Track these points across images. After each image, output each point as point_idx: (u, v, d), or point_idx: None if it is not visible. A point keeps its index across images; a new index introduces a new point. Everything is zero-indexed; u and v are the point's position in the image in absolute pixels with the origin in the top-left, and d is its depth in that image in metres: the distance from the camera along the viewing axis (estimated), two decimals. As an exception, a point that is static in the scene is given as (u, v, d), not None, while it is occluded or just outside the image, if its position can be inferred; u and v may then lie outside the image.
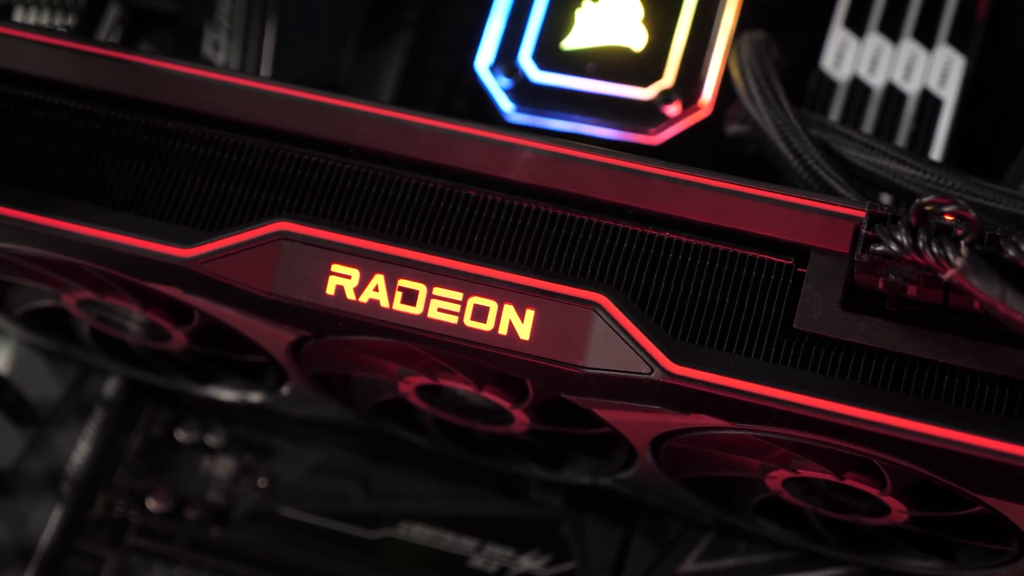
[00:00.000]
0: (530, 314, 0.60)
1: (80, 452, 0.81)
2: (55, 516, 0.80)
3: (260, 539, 0.78)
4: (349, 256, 0.61)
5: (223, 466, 0.80)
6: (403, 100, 0.84)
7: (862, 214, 0.58)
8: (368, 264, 0.61)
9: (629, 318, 0.59)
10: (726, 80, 0.75)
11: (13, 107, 0.66)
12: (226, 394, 0.78)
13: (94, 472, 0.81)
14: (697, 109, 0.75)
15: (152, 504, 0.79)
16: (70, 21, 0.80)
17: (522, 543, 0.76)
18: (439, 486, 0.78)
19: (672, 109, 0.74)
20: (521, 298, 0.60)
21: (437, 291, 0.61)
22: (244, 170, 0.64)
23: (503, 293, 0.60)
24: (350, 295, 0.61)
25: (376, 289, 0.61)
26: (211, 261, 0.62)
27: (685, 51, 0.75)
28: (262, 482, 0.79)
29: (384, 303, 0.61)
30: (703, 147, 0.76)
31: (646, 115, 0.75)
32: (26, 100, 0.66)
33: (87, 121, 0.65)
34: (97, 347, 0.77)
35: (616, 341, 0.59)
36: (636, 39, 0.76)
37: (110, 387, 0.82)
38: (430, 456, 0.77)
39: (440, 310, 0.61)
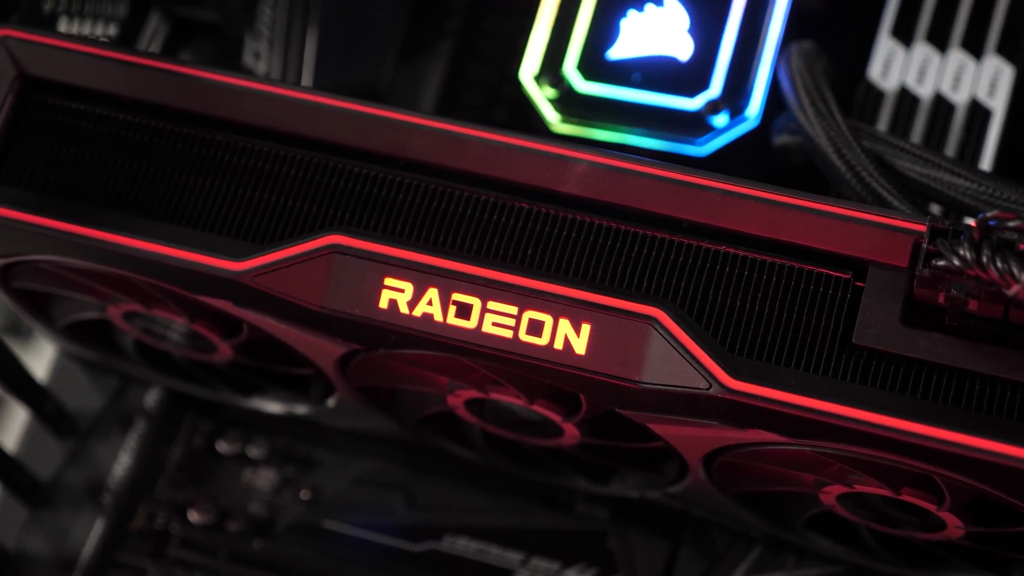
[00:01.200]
0: (586, 328, 0.60)
1: (121, 464, 0.81)
2: (97, 528, 0.80)
3: (303, 552, 0.77)
4: (402, 269, 0.61)
5: (265, 478, 0.80)
6: (444, 110, 0.83)
7: (922, 228, 0.58)
8: (422, 278, 0.61)
9: (687, 333, 0.58)
10: (773, 90, 0.74)
11: (62, 119, 0.66)
12: (271, 406, 0.77)
13: (135, 484, 0.80)
14: (744, 120, 0.74)
15: (194, 516, 0.79)
16: (112, 31, 0.80)
17: (568, 556, 0.75)
18: (484, 498, 0.77)
19: (719, 120, 0.74)
20: (577, 312, 0.60)
21: (492, 305, 0.60)
22: (294, 183, 0.64)
23: (559, 307, 0.60)
24: (403, 309, 0.61)
25: (430, 303, 0.61)
26: (262, 275, 0.62)
27: (732, 61, 0.75)
28: (305, 494, 0.79)
29: (438, 317, 0.61)
30: (750, 158, 0.75)
31: (693, 126, 0.74)
32: (75, 112, 0.66)
33: (136, 133, 0.65)
34: (141, 359, 0.76)
35: (674, 356, 0.58)
36: (682, 49, 0.75)
37: (151, 398, 0.82)
38: (475, 468, 0.77)
39: (495, 324, 0.60)
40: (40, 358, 0.84)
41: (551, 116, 0.76)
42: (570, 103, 0.76)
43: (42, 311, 0.74)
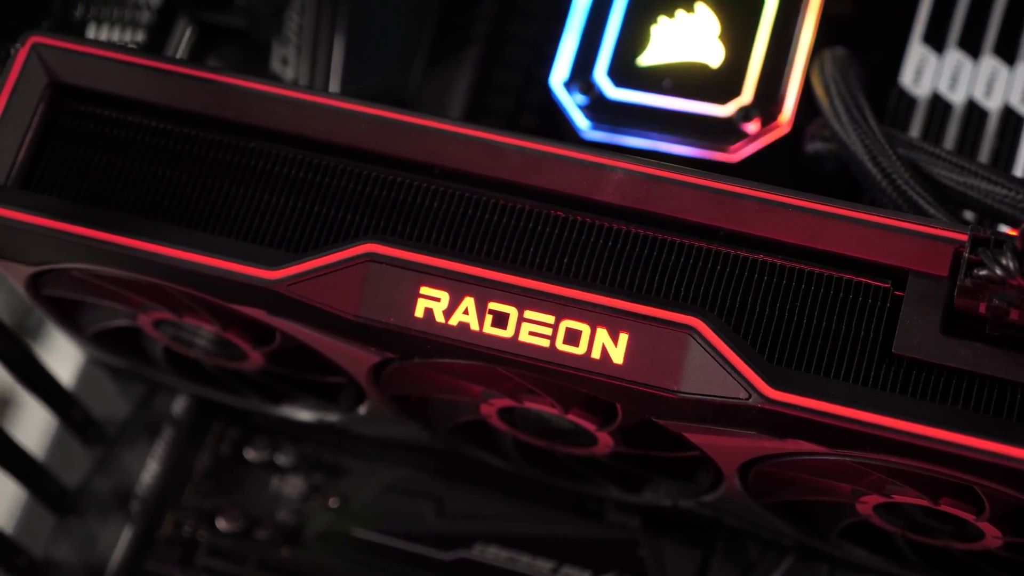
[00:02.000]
0: (624, 338, 0.59)
1: (149, 471, 0.81)
2: (124, 536, 0.79)
3: (332, 560, 0.77)
4: (438, 278, 0.61)
5: (293, 485, 0.80)
6: (472, 116, 0.83)
7: (963, 237, 0.57)
8: (458, 287, 0.61)
9: (726, 342, 0.58)
10: (805, 97, 0.74)
11: (94, 126, 0.65)
12: (302, 414, 0.77)
13: (163, 491, 0.80)
14: (777, 126, 0.74)
15: (222, 524, 0.79)
16: (139, 37, 0.80)
17: (599, 565, 0.75)
18: (514, 507, 0.77)
19: (751, 126, 0.74)
20: (615, 322, 0.59)
21: (528, 314, 0.60)
22: (329, 190, 0.63)
23: (596, 316, 0.59)
24: (439, 318, 0.61)
25: (466, 312, 0.60)
26: (297, 283, 0.62)
27: (763, 67, 0.75)
28: (333, 502, 0.78)
29: (474, 326, 0.60)
30: (781, 164, 0.75)
31: (725, 132, 0.74)
32: (107, 119, 0.65)
33: (169, 140, 0.65)
34: (169, 366, 0.76)
35: (712, 366, 0.58)
36: (713, 55, 0.75)
37: (179, 405, 0.82)
38: (504, 476, 0.77)
39: (531, 333, 0.60)
40: (65, 364, 0.84)
41: (581, 123, 0.75)
42: (601, 110, 0.76)
43: (71, 318, 0.74)
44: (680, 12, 0.76)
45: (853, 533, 0.69)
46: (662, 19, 0.76)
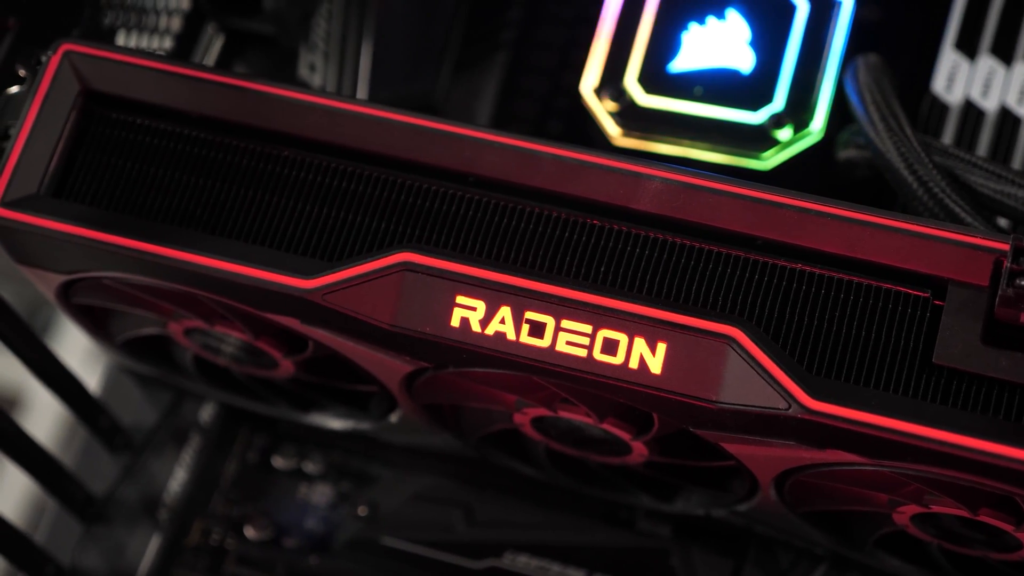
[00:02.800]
0: (662, 348, 0.59)
1: (177, 479, 0.80)
2: (152, 544, 0.79)
3: (361, 568, 0.77)
4: (474, 287, 0.60)
5: (321, 493, 0.79)
6: (499, 122, 0.83)
7: (1005, 247, 0.57)
8: (494, 296, 0.60)
9: (765, 352, 0.58)
10: (836, 104, 0.74)
11: (127, 134, 0.65)
12: (331, 422, 0.77)
13: (190, 499, 0.80)
14: (809, 134, 0.73)
15: (250, 532, 0.79)
16: (167, 44, 0.79)
17: (630, 574, 0.75)
18: (544, 515, 0.77)
19: (783, 134, 0.73)
20: (652, 331, 0.59)
21: (565, 324, 0.60)
22: (363, 199, 0.63)
23: (634, 326, 0.59)
24: (475, 327, 0.60)
25: (502, 321, 0.60)
26: (333, 292, 0.61)
27: (795, 74, 0.74)
28: (362, 510, 0.78)
29: (511, 335, 0.60)
30: (812, 171, 0.75)
31: (756, 140, 0.74)
32: (140, 127, 0.65)
33: (202, 149, 0.65)
34: (199, 374, 0.76)
35: (752, 376, 0.58)
36: (744, 62, 0.75)
37: (206, 413, 0.81)
38: (534, 484, 0.76)
39: (569, 343, 0.60)
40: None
41: (612, 129, 0.75)
42: (631, 116, 0.75)
43: (100, 326, 0.74)
44: (711, 19, 0.76)
45: (888, 543, 0.68)
46: (693, 26, 0.76)
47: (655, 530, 0.76)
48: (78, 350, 1.08)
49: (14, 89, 0.68)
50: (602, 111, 0.75)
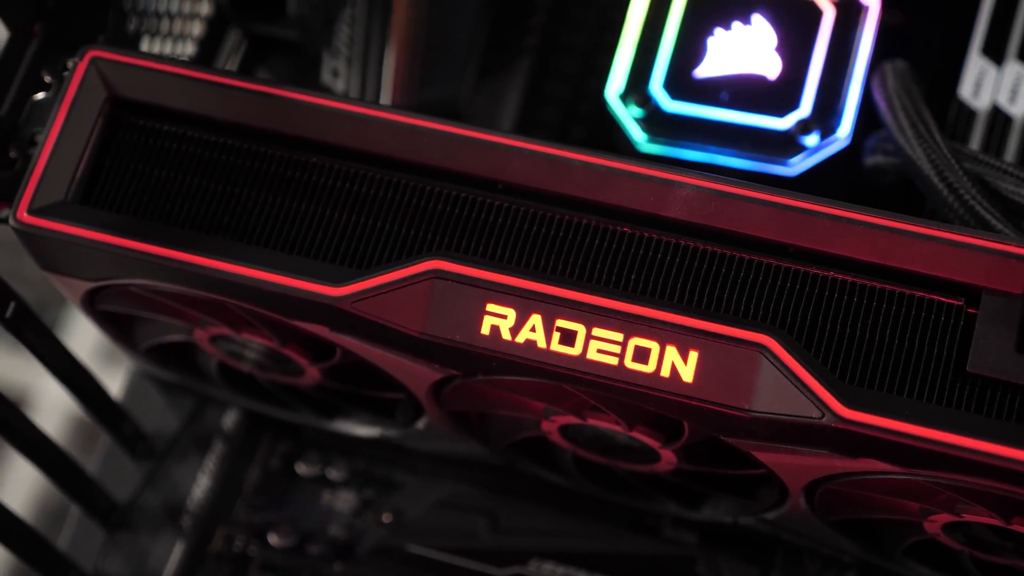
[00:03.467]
0: (694, 356, 0.59)
1: (200, 486, 0.80)
2: (176, 551, 0.79)
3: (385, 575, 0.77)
4: (505, 295, 0.60)
5: (344, 500, 0.79)
6: (523, 128, 0.83)
7: (1039, 255, 0.57)
8: (525, 304, 0.60)
9: (798, 360, 0.58)
10: (864, 109, 0.73)
11: (154, 141, 0.65)
12: (356, 429, 0.76)
13: (213, 506, 0.79)
14: (835, 140, 0.73)
15: (274, 539, 0.78)
16: (190, 49, 0.79)
17: (657, 582, 0.75)
18: (569, 522, 0.76)
19: (810, 140, 0.73)
20: (684, 339, 0.59)
21: (597, 332, 0.59)
22: (392, 206, 0.63)
23: (666, 334, 0.59)
24: (506, 335, 0.60)
25: (533, 329, 0.60)
26: (362, 300, 0.61)
27: (821, 79, 0.74)
28: (387, 517, 0.78)
29: (541, 344, 0.60)
30: (839, 177, 0.74)
31: (783, 145, 0.74)
32: (167, 134, 0.65)
33: (229, 155, 0.64)
34: (223, 381, 0.76)
35: (784, 384, 0.58)
36: (770, 67, 0.75)
37: (229, 419, 0.81)
38: (559, 491, 0.76)
39: (600, 351, 0.59)
40: (112, 377, 0.84)
41: (638, 135, 0.75)
42: (657, 122, 0.75)
43: (125, 332, 0.74)
44: (736, 24, 0.76)
45: (918, 551, 0.68)
46: (718, 31, 0.76)
47: (681, 537, 0.75)
48: (85, 350, 1.08)
49: (40, 95, 0.68)
50: (628, 117, 0.75)
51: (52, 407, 1.24)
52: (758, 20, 0.75)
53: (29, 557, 0.73)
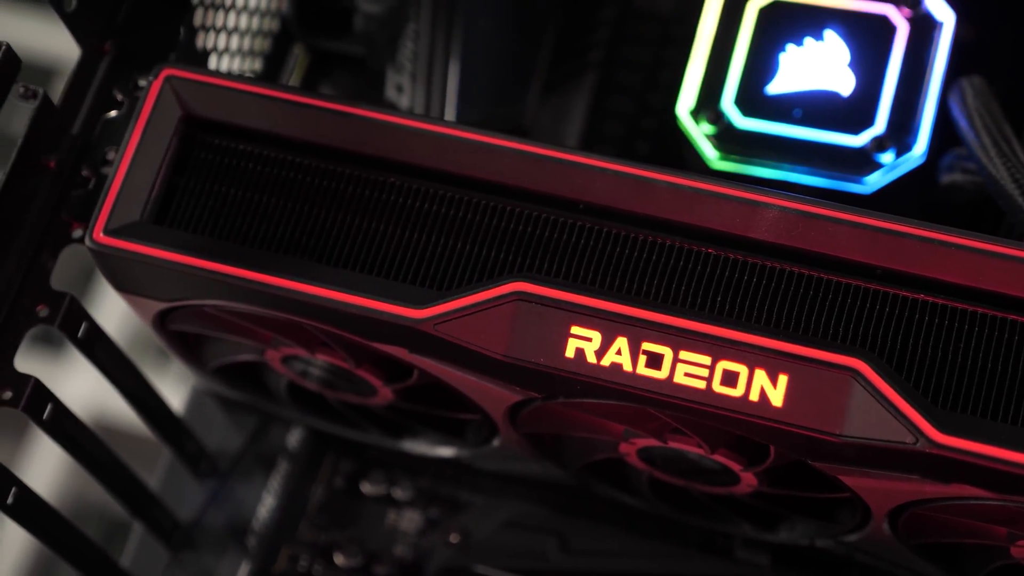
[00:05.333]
0: (783, 380, 0.58)
1: (265, 505, 0.80)
2: (240, 571, 0.78)
3: (452, 596, 0.76)
4: (590, 318, 0.59)
5: (410, 520, 0.79)
6: (587, 143, 0.82)
7: None
8: (610, 326, 0.59)
9: (890, 385, 0.57)
10: (940, 126, 0.72)
11: (229, 160, 0.64)
12: (425, 449, 0.76)
13: (278, 525, 0.79)
14: (911, 157, 0.72)
15: (339, 559, 0.78)
16: (257, 66, 0.79)
17: (729, 604, 0.74)
18: (639, 543, 0.75)
19: (886, 157, 0.72)
20: (774, 363, 0.58)
21: (684, 355, 0.59)
22: (472, 227, 0.62)
23: (754, 357, 0.58)
24: (591, 358, 0.59)
25: (619, 352, 0.59)
26: (444, 322, 0.60)
27: (896, 96, 0.73)
28: (454, 538, 0.77)
29: (627, 367, 0.59)
30: (913, 195, 0.73)
31: (858, 163, 0.73)
32: (242, 153, 0.64)
33: (306, 175, 0.64)
34: (291, 400, 0.75)
35: (876, 409, 0.57)
36: (844, 84, 0.74)
37: (293, 438, 0.81)
38: (629, 511, 0.75)
39: (687, 375, 0.59)
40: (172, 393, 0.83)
41: (710, 152, 0.74)
42: (729, 139, 0.74)
43: (193, 352, 0.73)
44: (808, 40, 0.75)
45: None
46: (790, 47, 0.75)
47: (753, 558, 0.75)
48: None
49: (112, 114, 0.68)
50: (699, 134, 0.74)
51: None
52: (830, 36, 0.75)
53: (92, 574, 0.73)
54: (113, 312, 1.12)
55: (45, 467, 1.37)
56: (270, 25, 0.79)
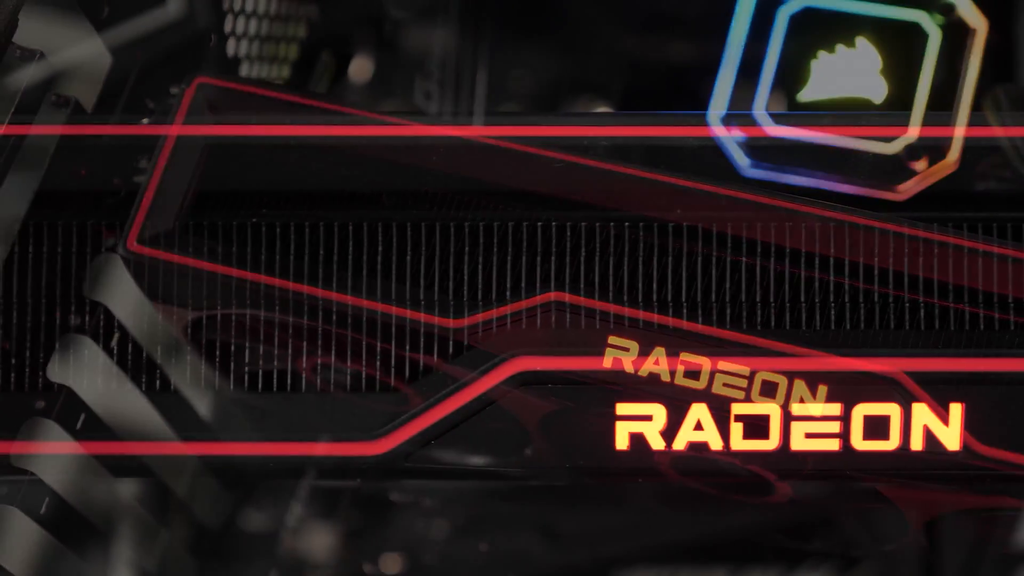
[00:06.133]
0: (823, 390, 0.58)
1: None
2: None
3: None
4: (627, 328, 0.59)
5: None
6: (614, 150, 0.82)
7: None
8: (648, 336, 0.59)
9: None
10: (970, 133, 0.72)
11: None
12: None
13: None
14: (945, 165, 0.72)
15: None
16: (284, 72, 0.79)
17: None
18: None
19: (919, 164, 0.72)
20: (813, 374, 0.58)
21: (722, 365, 0.59)
22: (506, 236, 0.62)
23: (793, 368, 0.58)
24: (628, 368, 0.59)
25: (657, 363, 0.59)
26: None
27: (929, 103, 0.73)
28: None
29: (665, 377, 0.59)
30: (946, 204, 0.73)
31: (891, 170, 0.72)
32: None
33: (340, 184, 0.64)
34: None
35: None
36: (876, 91, 0.73)
37: (321, 446, 0.80)
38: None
39: (725, 385, 0.59)
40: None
41: (741, 160, 0.74)
42: (760, 146, 0.74)
43: (222, 360, 0.73)
44: (840, 47, 0.74)
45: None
46: (821, 54, 0.75)
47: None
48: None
49: (143, 122, 0.67)
50: (730, 141, 0.74)
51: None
52: (862, 43, 0.74)
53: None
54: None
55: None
56: (297, 31, 0.79)
